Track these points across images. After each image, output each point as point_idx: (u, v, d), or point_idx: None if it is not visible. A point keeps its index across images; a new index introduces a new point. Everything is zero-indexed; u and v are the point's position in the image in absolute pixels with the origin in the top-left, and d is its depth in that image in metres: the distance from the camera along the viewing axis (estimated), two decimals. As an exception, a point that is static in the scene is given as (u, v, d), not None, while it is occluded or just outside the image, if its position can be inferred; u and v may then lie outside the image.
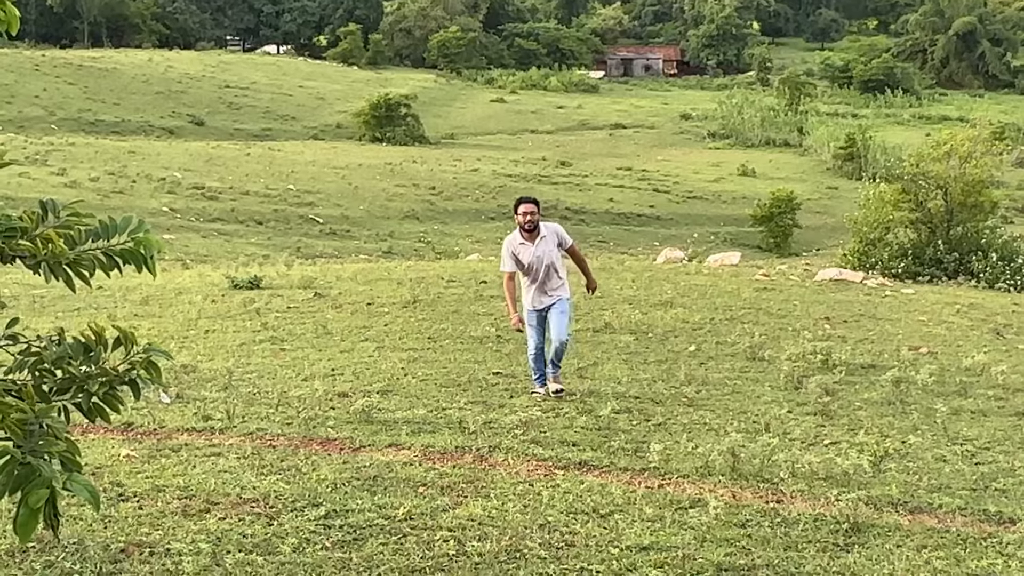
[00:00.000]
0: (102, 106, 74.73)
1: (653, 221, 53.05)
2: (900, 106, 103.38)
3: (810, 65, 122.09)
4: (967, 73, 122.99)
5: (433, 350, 12.86)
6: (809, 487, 7.42)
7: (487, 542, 6.17)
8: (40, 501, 3.11)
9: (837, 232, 46.60)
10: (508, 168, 62.50)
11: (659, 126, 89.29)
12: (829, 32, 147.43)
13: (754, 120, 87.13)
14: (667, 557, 6.00)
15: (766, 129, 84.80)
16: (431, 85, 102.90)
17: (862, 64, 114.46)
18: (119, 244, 3.52)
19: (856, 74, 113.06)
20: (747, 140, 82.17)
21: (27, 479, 3.13)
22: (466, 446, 8.33)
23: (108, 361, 3.50)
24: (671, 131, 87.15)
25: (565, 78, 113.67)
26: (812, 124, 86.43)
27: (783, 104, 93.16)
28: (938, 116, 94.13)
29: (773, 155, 76.40)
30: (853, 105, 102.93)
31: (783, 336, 14.28)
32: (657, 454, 8.01)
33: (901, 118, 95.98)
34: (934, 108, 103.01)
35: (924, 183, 27.67)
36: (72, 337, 3.56)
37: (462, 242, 42.26)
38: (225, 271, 21.24)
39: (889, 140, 71.26)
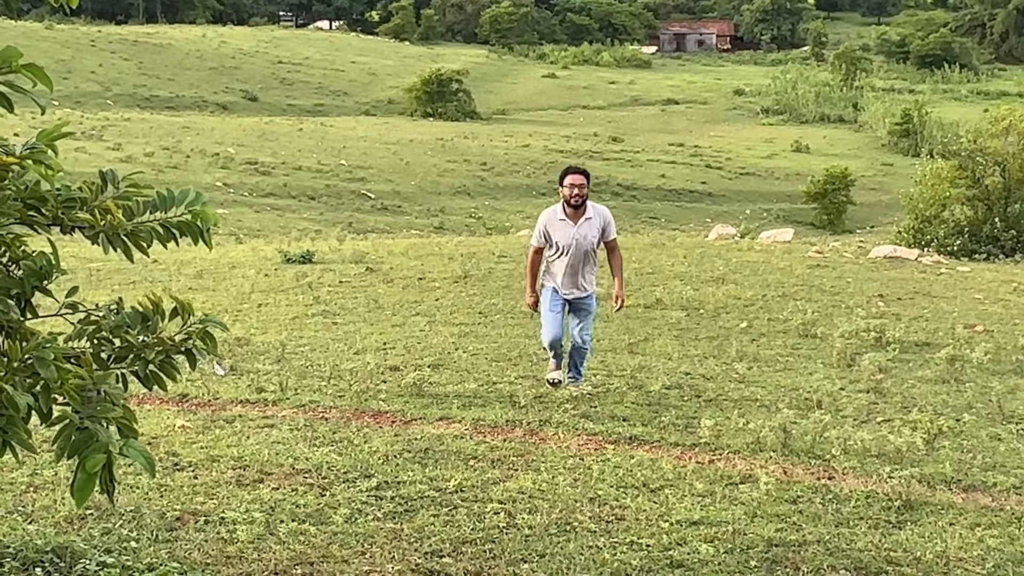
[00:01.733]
0: (156, 81, 75.37)
1: (705, 197, 52.74)
2: (958, 82, 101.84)
3: (866, 40, 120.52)
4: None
5: (484, 325, 12.89)
6: (861, 464, 7.37)
7: (537, 515, 6.20)
8: (97, 466, 3.17)
9: (892, 209, 46.09)
10: (559, 144, 62.37)
11: (712, 102, 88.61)
12: (885, 6, 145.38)
13: (808, 96, 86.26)
14: (717, 532, 6.00)
15: (820, 105, 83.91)
16: (483, 60, 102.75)
17: (919, 39, 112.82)
18: (176, 216, 3.57)
19: (913, 49, 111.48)
20: (801, 116, 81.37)
21: (85, 444, 3.18)
22: (517, 420, 8.35)
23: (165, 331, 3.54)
24: (724, 107, 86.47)
25: (617, 53, 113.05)
26: (867, 100, 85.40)
27: (838, 80, 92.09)
28: (997, 92, 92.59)
29: (827, 131, 75.62)
30: (909, 80, 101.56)
31: (836, 313, 14.17)
32: (708, 430, 7.99)
33: (959, 94, 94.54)
34: (993, 84, 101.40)
35: (981, 160, 27.28)
36: (130, 307, 3.61)
37: (513, 218, 42.24)
38: (278, 245, 21.41)
39: (946, 116, 70.25)
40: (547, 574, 5.36)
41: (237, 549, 5.61)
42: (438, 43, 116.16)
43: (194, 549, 5.61)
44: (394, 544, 5.72)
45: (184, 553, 5.55)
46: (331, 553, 5.59)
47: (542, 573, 5.37)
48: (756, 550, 5.76)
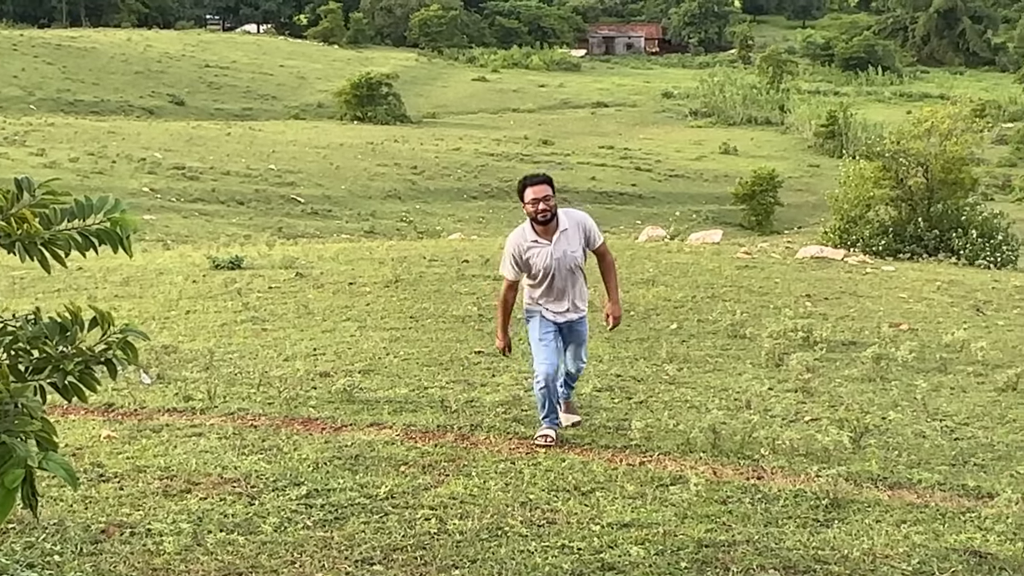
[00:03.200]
0: (81, 86, 74.31)
1: (635, 199, 53.08)
2: (881, 84, 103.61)
3: (791, 43, 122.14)
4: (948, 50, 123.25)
5: (415, 329, 12.84)
6: (790, 463, 7.44)
7: (468, 520, 6.18)
8: (16, 481, 3.10)
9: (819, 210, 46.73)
10: (490, 147, 62.42)
11: (641, 104, 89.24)
12: (810, 10, 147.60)
13: (736, 98, 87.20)
14: (648, 534, 6.02)
15: (748, 107, 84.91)
16: (412, 64, 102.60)
17: (843, 42, 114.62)
18: (95, 224, 3.49)
19: (837, 52, 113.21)
20: (729, 118, 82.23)
21: (2, 459, 3.11)
22: (448, 425, 8.32)
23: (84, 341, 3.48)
24: (653, 109, 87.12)
25: (547, 56, 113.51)
26: (794, 102, 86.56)
27: (765, 82, 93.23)
28: (919, 94, 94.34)
29: (755, 133, 76.50)
30: (834, 83, 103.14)
31: (764, 314, 14.31)
32: (638, 431, 8.02)
33: (882, 96, 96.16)
34: (915, 86, 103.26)
35: (904, 160, 27.71)
36: (48, 317, 3.54)
37: (444, 221, 42.21)
38: (206, 251, 21.17)
39: (870, 118, 71.38)
40: (478, 580, 5.34)
41: (163, 561, 5.53)
42: (367, 46, 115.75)
43: (119, 562, 5.52)
44: (324, 553, 5.67)
45: (109, 566, 5.45)
46: (260, 563, 5.52)
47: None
48: (686, 551, 5.78)
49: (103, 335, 3.48)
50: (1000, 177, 61.74)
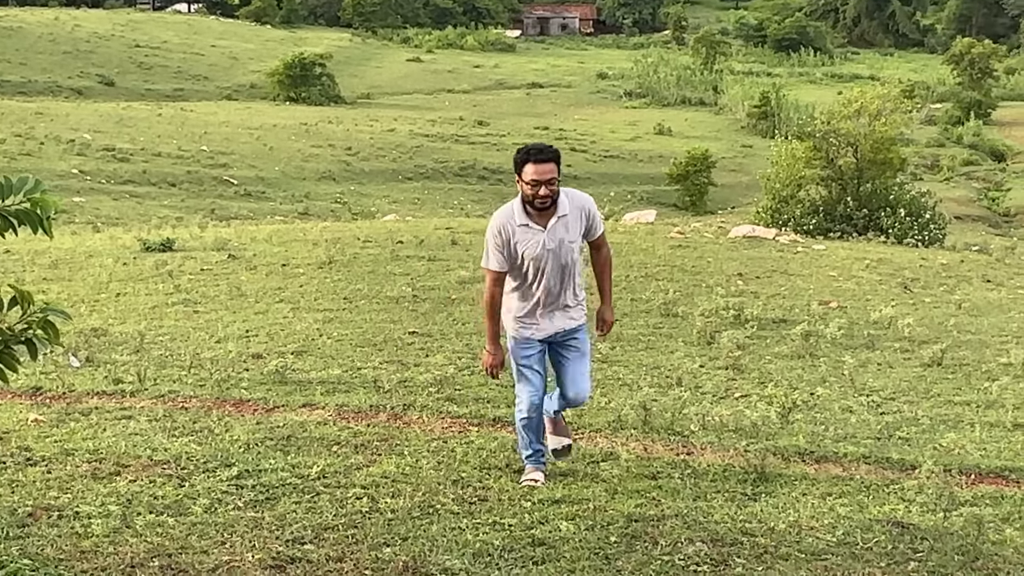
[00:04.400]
0: (7, 66, 72.87)
1: (571, 180, 53.02)
2: (813, 65, 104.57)
3: (725, 24, 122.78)
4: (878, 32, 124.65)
5: (349, 310, 12.80)
6: (719, 439, 7.54)
7: (400, 499, 6.20)
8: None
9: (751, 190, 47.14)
10: (425, 128, 62.19)
11: (576, 85, 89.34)
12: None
13: (670, 79, 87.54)
14: (578, 509, 6.08)
15: (682, 88, 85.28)
16: (346, 44, 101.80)
17: (775, 23, 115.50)
18: (14, 205, 3.46)
19: (770, 33, 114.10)
20: (663, 99, 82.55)
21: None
22: (381, 405, 8.33)
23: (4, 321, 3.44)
24: (588, 90, 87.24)
25: (481, 37, 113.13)
26: (727, 83, 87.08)
27: (698, 63, 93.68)
28: (850, 74, 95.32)
29: (689, 114, 76.89)
30: (767, 64, 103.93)
31: (697, 292, 14.45)
32: (570, 410, 8.07)
33: (814, 76, 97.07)
34: (846, 67, 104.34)
35: (835, 141, 28.08)
36: (-33, 297, 3.50)
37: (379, 202, 42.04)
38: (137, 234, 20.92)
39: (802, 98, 72.05)
40: (409, 557, 5.36)
41: (92, 543, 5.48)
42: (300, 27, 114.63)
43: (47, 545, 5.47)
44: (255, 533, 5.66)
45: (36, 549, 5.40)
46: (190, 544, 5.50)
47: (404, 556, 5.37)
48: (616, 526, 5.85)
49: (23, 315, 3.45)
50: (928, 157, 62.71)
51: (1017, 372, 10.21)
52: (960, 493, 6.52)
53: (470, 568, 5.21)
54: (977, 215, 50.10)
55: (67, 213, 33.32)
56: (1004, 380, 9.77)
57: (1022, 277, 19.06)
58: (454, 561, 5.25)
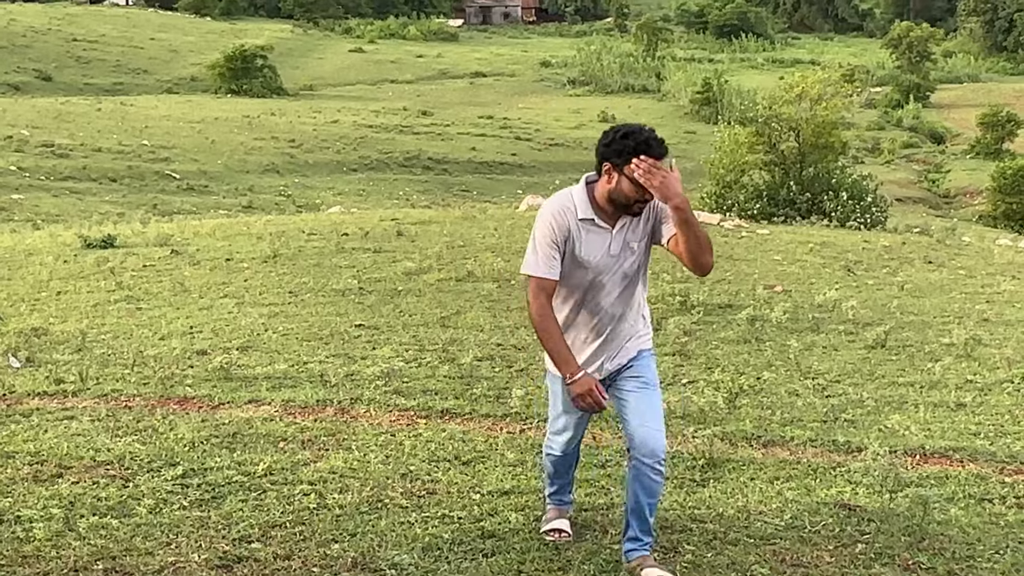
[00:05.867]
0: (-59, 62, 71.69)
1: (516, 169, 53.18)
2: (754, 50, 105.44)
3: (666, 11, 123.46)
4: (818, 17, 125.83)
5: (294, 304, 12.70)
6: (667, 425, 7.54)
7: (348, 494, 6.14)
8: None
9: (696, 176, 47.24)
10: (369, 119, 61.92)
11: (519, 74, 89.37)
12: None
13: (613, 66, 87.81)
14: (528, 500, 6.06)
15: (625, 75, 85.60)
16: (288, 35, 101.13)
17: (717, 9, 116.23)
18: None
19: (711, 19, 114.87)
20: (606, 86, 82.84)
21: None
22: (328, 399, 8.26)
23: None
24: (531, 79, 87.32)
25: (424, 27, 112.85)
26: (669, 69, 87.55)
27: (641, 50, 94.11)
28: (791, 59, 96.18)
29: (632, 101, 77.15)
30: (709, 50, 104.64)
31: (642, 279, 14.46)
32: (519, 400, 8.07)
33: (755, 62, 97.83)
34: (787, 52, 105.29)
35: (777, 126, 28.31)
36: None
37: (324, 195, 41.79)
38: (77, 230, 20.62)
39: (744, 84, 72.50)
40: (358, 553, 5.31)
41: (34, 548, 5.39)
42: (241, 18, 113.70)
43: (-13, 550, 5.37)
44: (201, 532, 5.59)
45: (-23, 556, 5.30)
46: (135, 546, 5.42)
47: (353, 552, 5.32)
48: (566, 515, 5.83)
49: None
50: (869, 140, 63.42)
51: (959, 352, 10.33)
52: (905, 474, 6.58)
53: (419, 562, 5.18)
54: (918, 197, 50.73)
55: (6, 211, 32.85)
56: (947, 360, 9.89)
57: (963, 257, 19.32)
58: (403, 556, 5.21)
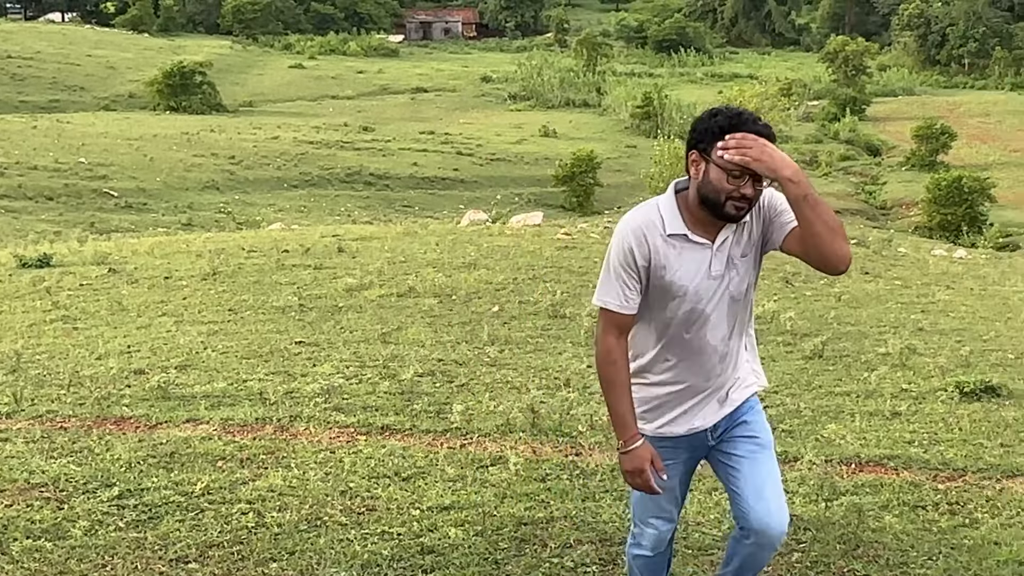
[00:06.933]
0: None
1: (457, 184, 53.19)
2: (693, 65, 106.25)
3: (606, 26, 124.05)
4: (755, 32, 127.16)
5: (234, 322, 12.61)
6: (607, 438, 7.58)
7: (287, 512, 6.12)
8: None
9: (637, 189, 47.73)
10: (310, 135, 61.61)
11: (460, 89, 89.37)
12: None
13: (553, 81, 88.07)
14: (468, 515, 6.07)
15: (565, 90, 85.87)
16: (227, 52, 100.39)
17: (656, 24, 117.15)
18: None
19: (650, 34, 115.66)
20: (547, 101, 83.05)
21: None
22: (267, 417, 8.21)
23: None
24: (472, 94, 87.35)
25: (364, 43, 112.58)
26: (610, 84, 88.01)
27: (581, 65, 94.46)
28: (729, 74, 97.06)
29: (573, 115, 77.46)
30: (648, 65, 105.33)
31: (584, 293, 14.52)
32: (459, 415, 8.07)
33: (694, 76, 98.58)
34: (725, 66, 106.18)
35: (716, 139, 28.54)
36: None
37: (264, 211, 41.55)
38: (13, 250, 20.34)
39: (684, 98, 73.05)
40: (296, 571, 5.29)
41: (-34, 573, 5.32)
42: (179, 35, 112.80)
43: (-82, 577, 5.28)
44: (137, 554, 5.53)
45: (-93, 582, 5.22)
46: (69, 568, 5.36)
47: (291, 570, 5.30)
48: (506, 530, 5.85)
49: None
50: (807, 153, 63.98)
51: (895, 362, 10.47)
52: (841, 483, 6.66)
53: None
54: (855, 209, 51.32)
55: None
56: (882, 370, 10.03)
57: (899, 268, 19.60)
58: (342, 573, 5.20)
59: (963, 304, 15.41)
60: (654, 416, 4.15)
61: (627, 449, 4.06)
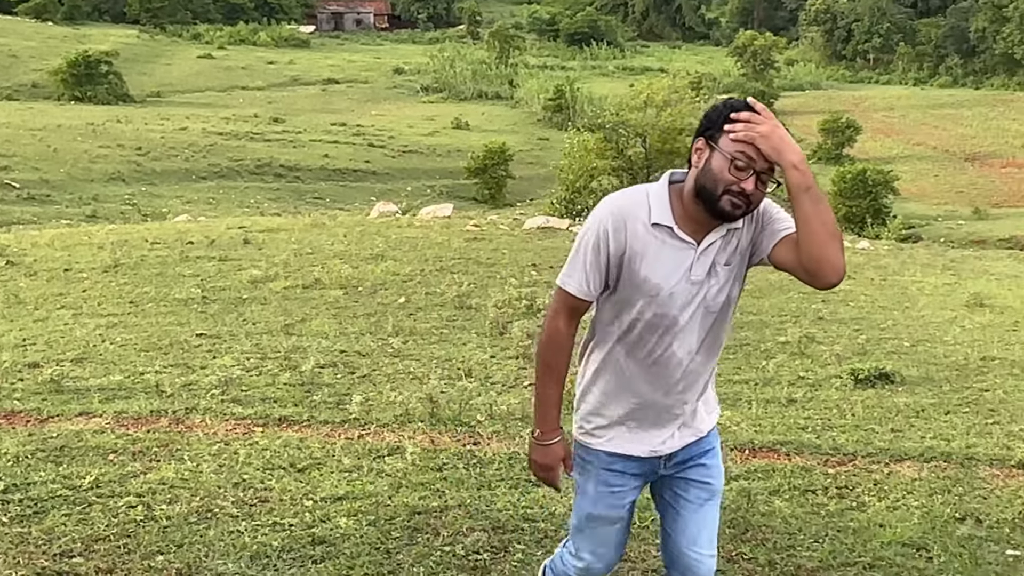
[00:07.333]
0: None
1: (369, 176, 52.93)
2: (605, 58, 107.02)
3: (518, 18, 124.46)
4: (666, 25, 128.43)
5: (134, 314, 12.41)
6: (505, 428, 7.61)
7: (177, 504, 6.03)
8: None
9: (549, 182, 47.84)
10: (219, 126, 60.86)
11: (372, 81, 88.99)
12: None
13: (466, 74, 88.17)
14: (361, 505, 6.03)
15: (478, 82, 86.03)
16: (134, 41, 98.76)
17: (568, 17, 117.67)
18: None
19: (562, 27, 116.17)
20: (460, 93, 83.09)
21: None
22: (162, 410, 8.08)
23: None
24: (384, 86, 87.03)
25: (275, 33, 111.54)
26: (522, 77, 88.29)
27: (493, 57, 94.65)
28: (641, 67, 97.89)
29: (486, 108, 77.55)
30: (561, 57, 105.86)
31: (491, 284, 14.55)
32: (358, 405, 8.03)
33: (606, 70, 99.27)
34: (637, 60, 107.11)
35: (624, 132, 28.78)
36: None
37: (172, 203, 40.92)
38: (-93, 242, 19.81)
39: (596, 91, 73.55)
40: (183, 564, 5.22)
41: None
42: (84, 23, 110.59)
43: None
44: (20, 548, 5.41)
45: None
46: (-51, 565, 5.24)
47: (178, 563, 5.22)
48: (399, 519, 5.83)
49: None
50: (716, 146, 64.76)
51: (793, 350, 10.64)
52: (733, 468, 6.74)
53: (246, 571, 5.11)
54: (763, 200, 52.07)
55: None
56: (781, 358, 10.19)
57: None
58: (229, 565, 5.14)
59: (863, 294, 15.68)
60: (605, 432, 3.78)
61: (543, 442, 3.83)
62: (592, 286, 3.62)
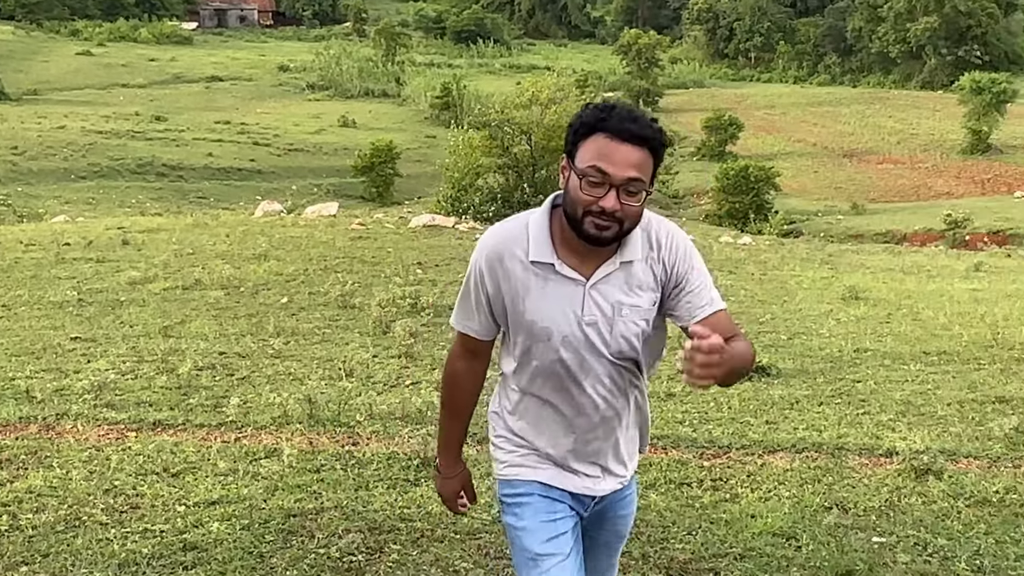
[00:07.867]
0: None
1: (255, 175, 52.33)
2: (492, 56, 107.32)
3: (404, 16, 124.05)
4: (552, 24, 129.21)
5: (6, 318, 12.09)
6: (384, 427, 7.57)
7: (44, 513, 5.87)
8: None
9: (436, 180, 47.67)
10: (99, 124, 59.58)
11: (257, 78, 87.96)
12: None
13: (352, 71, 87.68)
14: (235, 509, 5.94)
15: (364, 80, 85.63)
16: (9, 37, 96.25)
17: (454, 15, 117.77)
18: None
19: (449, 25, 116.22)
20: (346, 91, 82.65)
21: None
22: (32, 416, 7.86)
23: None
24: (270, 83, 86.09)
25: (156, 29, 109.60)
26: (409, 74, 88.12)
27: (380, 55, 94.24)
28: (527, 65, 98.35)
29: (372, 106, 77.22)
30: (448, 55, 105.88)
31: (375, 283, 14.49)
32: (235, 408, 7.92)
33: (493, 67, 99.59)
34: (523, 57, 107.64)
35: (509, 129, 28.85)
36: None
37: (49, 203, 39.92)
38: None
39: (483, 89, 73.59)
40: (49, 573, 5.08)
41: None
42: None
43: None
44: None
45: None
46: None
47: (44, 573, 5.08)
48: (273, 523, 5.75)
49: None
50: (603, 144, 65.33)
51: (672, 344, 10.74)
52: (611, 463, 6.79)
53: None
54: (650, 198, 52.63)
55: None
56: (665, 352, 10.29)
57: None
58: (96, 574, 5.02)
59: (743, 288, 15.96)
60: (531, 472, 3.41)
61: (445, 476, 3.65)
62: (481, 326, 3.33)
